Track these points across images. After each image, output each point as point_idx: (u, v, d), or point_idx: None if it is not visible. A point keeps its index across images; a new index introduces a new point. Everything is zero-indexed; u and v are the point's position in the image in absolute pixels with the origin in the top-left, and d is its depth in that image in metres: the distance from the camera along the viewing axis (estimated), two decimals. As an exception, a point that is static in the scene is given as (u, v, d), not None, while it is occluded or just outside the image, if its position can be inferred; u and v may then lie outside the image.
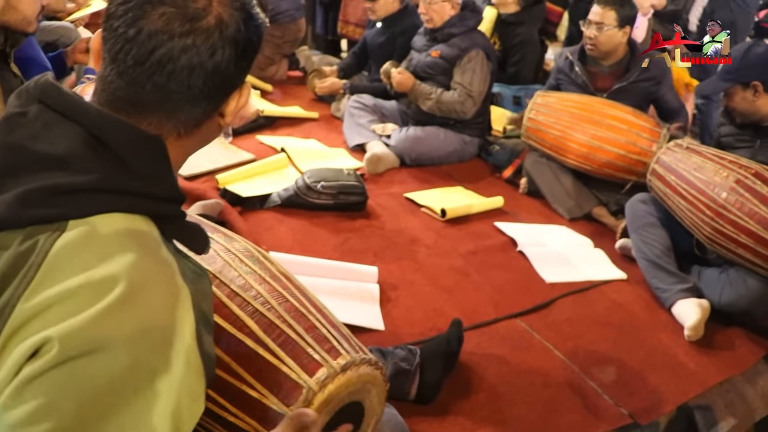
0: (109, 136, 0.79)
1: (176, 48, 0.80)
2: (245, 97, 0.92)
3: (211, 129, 0.93)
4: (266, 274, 1.34)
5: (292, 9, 4.90)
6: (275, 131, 3.90)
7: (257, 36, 0.89)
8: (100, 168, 0.77)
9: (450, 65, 3.60)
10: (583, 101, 3.30)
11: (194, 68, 0.82)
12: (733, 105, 2.71)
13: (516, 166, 3.61)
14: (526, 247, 2.84)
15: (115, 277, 0.71)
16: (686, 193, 2.58)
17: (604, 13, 3.28)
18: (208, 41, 0.82)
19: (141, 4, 0.80)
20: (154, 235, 0.81)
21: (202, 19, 0.82)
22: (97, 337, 0.68)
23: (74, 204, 0.75)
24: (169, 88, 0.82)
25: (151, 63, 0.80)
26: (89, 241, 0.74)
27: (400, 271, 2.55)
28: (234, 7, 0.85)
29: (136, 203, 0.80)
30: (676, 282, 2.55)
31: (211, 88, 0.85)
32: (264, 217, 2.81)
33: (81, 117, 0.79)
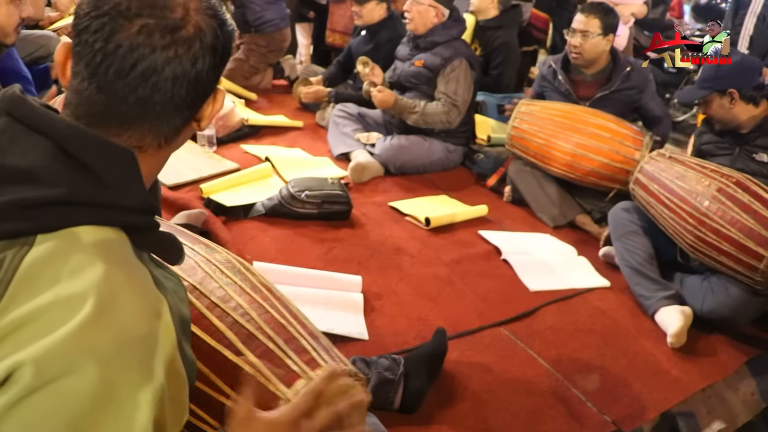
0: (77, 148, 0.78)
1: (159, 60, 0.80)
2: (220, 102, 0.93)
3: (186, 135, 0.93)
4: (247, 286, 1.34)
5: (277, 19, 4.91)
6: (260, 140, 3.89)
7: (231, 41, 0.90)
8: (69, 181, 0.76)
9: (434, 74, 3.61)
10: (567, 110, 3.32)
11: (178, 79, 0.82)
12: (711, 112, 2.73)
13: (500, 175, 3.62)
14: (510, 255, 2.85)
15: (83, 294, 0.70)
16: (669, 202, 2.60)
17: (588, 21, 3.30)
18: (190, 51, 0.82)
19: (115, 17, 0.79)
20: (125, 247, 0.80)
21: (182, 29, 0.82)
22: (71, 356, 0.67)
23: (42, 218, 0.74)
24: (153, 99, 0.82)
25: (133, 76, 0.80)
26: (58, 256, 0.73)
27: (384, 281, 2.55)
28: (208, 14, 0.85)
29: (106, 215, 0.79)
30: (659, 289, 2.56)
31: (193, 97, 0.85)
32: (248, 227, 2.80)
33: (49, 130, 0.78)
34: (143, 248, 0.85)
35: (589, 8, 3.36)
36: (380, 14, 4.26)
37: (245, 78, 4.86)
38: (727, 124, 2.72)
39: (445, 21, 3.67)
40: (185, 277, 1.30)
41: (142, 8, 0.80)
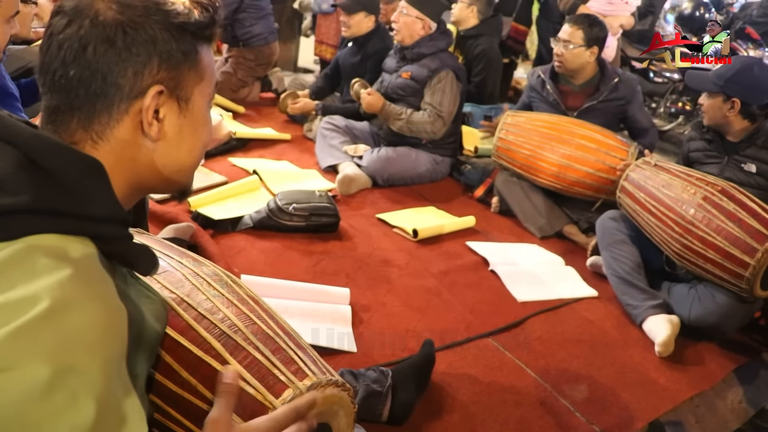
0: (43, 157, 0.77)
1: (53, 46, 0.83)
2: (149, 98, 0.86)
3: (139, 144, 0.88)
4: (234, 298, 1.33)
5: (265, 32, 4.94)
6: (247, 153, 3.89)
7: (167, 37, 0.86)
8: (33, 189, 0.75)
9: (420, 86, 3.63)
10: (553, 121, 3.34)
11: (68, 64, 0.82)
12: (707, 107, 2.74)
13: (487, 186, 3.64)
14: (498, 266, 2.86)
15: (35, 296, 0.69)
16: (655, 210, 2.62)
17: (573, 32, 3.35)
18: (78, 34, 0.82)
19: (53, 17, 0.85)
20: (89, 256, 0.79)
21: (79, 16, 0.83)
22: (8, 354, 0.66)
23: (4, 226, 0.74)
24: (60, 86, 0.83)
25: (45, 65, 0.84)
26: (16, 261, 0.72)
27: (372, 293, 2.55)
28: (123, 3, 0.84)
29: (70, 224, 0.78)
30: (646, 298, 2.57)
31: (97, 88, 0.83)
32: (236, 240, 2.80)
33: (15, 139, 0.78)
34: (112, 258, 0.84)
35: (576, 20, 3.41)
36: (368, 26, 4.28)
37: (233, 91, 4.86)
38: (716, 123, 2.74)
39: (432, 33, 3.69)
40: (173, 290, 1.29)
41: (63, 5, 0.85)
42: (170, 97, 0.89)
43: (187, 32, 0.89)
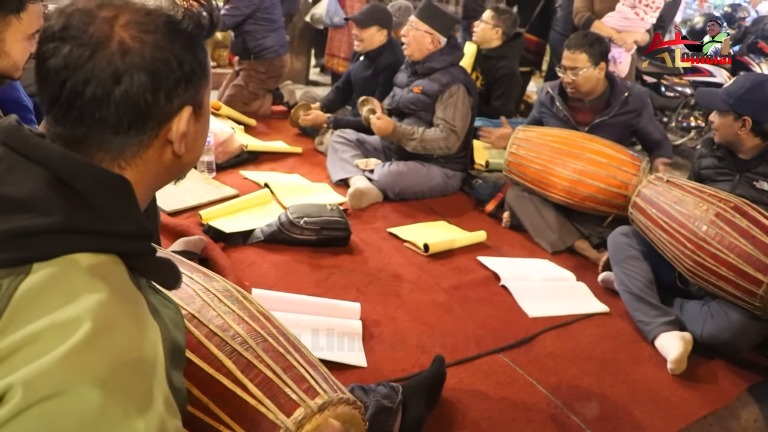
0: (72, 177, 0.78)
1: (79, 80, 0.79)
2: (184, 122, 0.88)
3: (164, 159, 0.90)
4: (245, 314, 1.34)
5: (276, 45, 4.97)
6: (259, 166, 3.90)
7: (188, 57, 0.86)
8: (64, 209, 0.77)
9: (432, 100, 3.63)
10: (564, 135, 3.34)
11: (101, 99, 0.80)
12: (718, 125, 2.73)
13: (498, 200, 3.63)
14: (509, 281, 2.85)
15: (79, 318, 0.70)
16: (667, 227, 2.60)
17: (576, 57, 3.34)
18: (110, 68, 0.79)
19: (48, 40, 0.80)
20: (120, 273, 0.80)
21: (104, 46, 0.79)
22: (60, 379, 0.66)
23: (38, 246, 0.75)
24: (85, 122, 0.81)
25: (63, 99, 0.80)
26: (53, 283, 0.73)
27: (383, 307, 2.54)
28: (142, 30, 0.82)
29: (101, 242, 0.79)
30: (658, 315, 2.56)
31: (129, 118, 0.82)
32: (247, 253, 2.80)
33: (45, 159, 0.79)
34: (140, 274, 0.86)
35: (574, 43, 3.38)
36: (380, 40, 4.30)
37: (244, 104, 4.89)
38: (726, 141, 2.73)
39: (443, 48, 3.70)
40: (184, 306, 1.30)
41: (69, 28, 0.80)
42: (193, 111, 0.90)
43: (201, 42, 0.89)
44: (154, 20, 0.83)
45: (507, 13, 4.59)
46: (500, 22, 4.49)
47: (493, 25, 4.47)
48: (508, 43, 4.56)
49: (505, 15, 4.55)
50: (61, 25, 0.80)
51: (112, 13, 0.81)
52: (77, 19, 0.80)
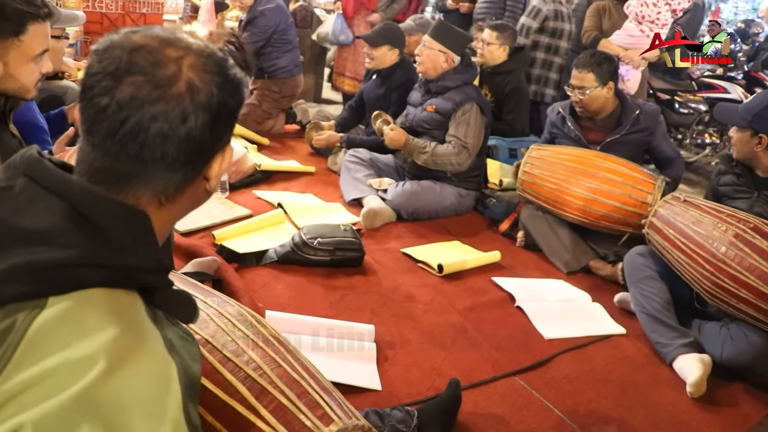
0: (92, 210, 0.78)
1: (146, 116, 0.80)
2: (227, 161, 0.92)
3: (197, 194, 0.92)
4: (259, 339, 1.32)
5: (290, 65, 5.01)
6: (272, 186, 3.91)
7: (236, 98, 0.89)
8: (82, 242, 0.76)
9: (445, 119, 3.63)
10: (578, 154, 3.32)
11: (166, 136, 0.81)
12: (735, 141, 2.71)
13: (512, 220, 3.61)
14: (524, 302, 2.82)
15: (93, 356, 0.69)
16: (685, 247, 2.57)
17: (583, 77, 3.34)
18: (179, 108, 0.81)
19: (111, 74, 0.81)
20: (136, 309, 0.80)
21: (172, 85, 0.81)
22: (72, 420, 0.65)
23: (54, 280, 0.74)
24: (143, 157, 0.82)
25: (123, 133, 0.80)
26: (68, 319, 0.72)
27: (397, 329, 2.52)
28: (207, 70, 0.85)
29: (118, 277, 0.79)
30: (676, 336, 2.52)
31: (187, 155, 0.84)
32: (260, 274, 2.79)
33: (64, 192, 0.79)
34: (157, 307, 0.85)
35: (582, 63, 3.39)
36: (392, 59, 4.32)
37: (258, 123, 4.92)
38: (744, 157, 2.71)
39: (456, 66, 3.70)
40: (197, 331, 1.29)
41: (135, 64, 0.81)
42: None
43: (246, 84, 0.93)
44: (214, 62, 0.86)
45: (508, 29, 4.61)
46: (505, 39, 4.50)
47: (499, 44, 4.47)
48: (513, 57, 4.57)
49: (507, 31, 4.57)
50: (126, 62, 0.81)
51: (178, 54, 0.83)
52: (143, 57, 0.82)
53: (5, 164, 0.84)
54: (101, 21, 5.72)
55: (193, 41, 0.86)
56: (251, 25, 4.86)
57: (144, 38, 0.84)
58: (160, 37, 0.85)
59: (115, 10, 5.78)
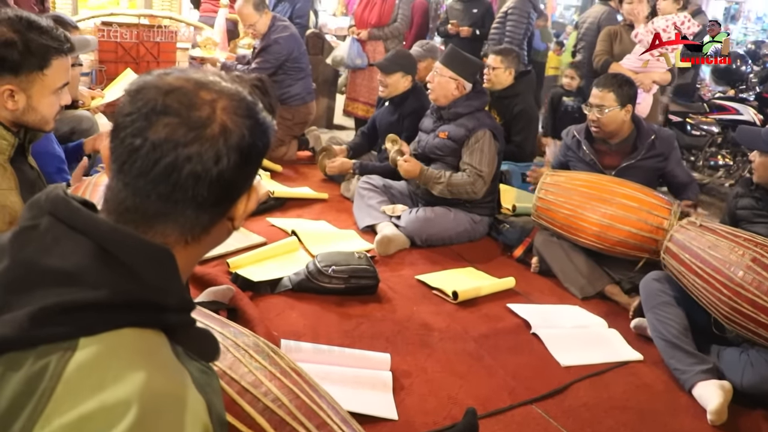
0: (119, 249, 0.79)
1: (180, 157, 0.81)
2: (253, 202, 0.93)
3: (221, 233, 0.94)
4: (276, 370, 1.32)
5: (303, 92, 5.05)
6: (285, 213, 3.92)
7: (264, 141, 0.91)
8: (110, 282, 0.77)
9: (458, 145, 3.64)
10: (592, 180, 3.31)
11: (199, 177, 0.82)
12: (757, 165, 2.70)
13: (527, 245, 3.60)
14: (540, 329, 2.80)
15: (127, 401, 0.69)
16: (702, 272, 2.55)
17: (604, 96, 3.34)
18: (212, 149, 0.82)
19: (146, 115, 0.82)
20: (164, 348, 0.80)
21: (207, 127, 0.83)
22: None
23: (85, 321, 0.75)
24: (175, 197, 0.83)
25: (155, 173, 0.81)
26: (102, 361, 0.73)
27: (412, 357, 2.51)
28: (239, 114, 0.86)
29: (146, 316, 0.80)
30: (695, 363, 2.49)
31: (217, 196, 0.86)
32: (275, 302, 2.79)
33: (91, 231, 0.80)
34: (180, 344, 0.85)
35: (605, 82, 3.41)
36: (405, 86, 4.35)
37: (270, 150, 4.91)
38: (765, 183, 2.70)
39: (468, 93, 3.72)
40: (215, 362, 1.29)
41: (169, 106, 0.82)
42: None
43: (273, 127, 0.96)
44: (245, 106, 0.87)
45: (512, 52, 4.67)
46: (509, 62, 4.55)
47: (504, 67, 4.51)
48: (519, 80, 4.61)
49: (512, 54, 4.63)
50: (161, 103, 0.82)
51: (212, 97, 0.85)
52: (178, 99, 0.83)
53: (29, 203, 0.85)
54: (116, 50, 5.79)
55: (226, 85, 0.88)
56: (264, 51, 4.91)
57: (178, 80, 0.85)
58: (194, 79, 0.86)
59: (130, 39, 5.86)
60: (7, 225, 1.91)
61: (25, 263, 0.78)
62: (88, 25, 5.81)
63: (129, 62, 5.78)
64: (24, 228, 0.82)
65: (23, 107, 1.89)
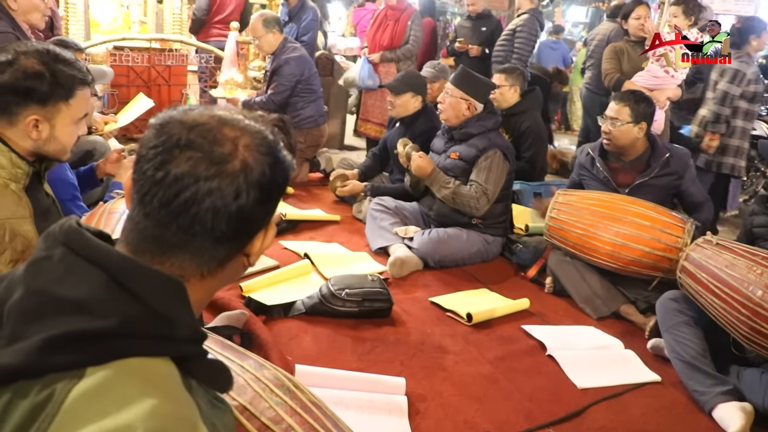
0: (130, 280, 0.80)
1: (201, 191, 0.82)
2: (270, 238, 0.95)
3: (236, 269, 0.95)
4: (297, 405, 1.31)
5: (315, 115, 5.07)
6: (298, 235, 3.92)
7: (283, 178, 0.92)
8: (120, 312, 0.78)
9: (469, 166, 3.64)
10: (605, 199, 3.30)
11: (218, 211, 0.83)
12: None
13: (540, 266, 3.58)
14: (556, 350, 2.78)
15: (131, 426, 0.69)
16: (719, 291, 2.53)
17: (619, 109, 3.35)
18: (233, 185, 0.84)
19: (170, 148, 0.83)
20: (174, 378, 0.80)
21: (228, 163, 0.84)
22: None
23: (93, 350, 0.75)
24: (194, 230, 0.84)
25: (176, 205, 0.82)
26: (106, 389, 0.73)
27: (428, 381, 2.49)
28: (260, 151, 0.87)
29: (155, 346, 0.80)
30: (715, 384, 2.46)
31: (235, 230, 0.87)
32: (289, 326, 2.78)
33: (103, 261, 0.80)
34: (191, 376, 0.85)
35: (623, 96, 3.43)
36: (415, 106, 4.36)
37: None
38: None
39: (480, 113, 3.72)
40: (235, 396, 1.28)
41: (193, 141, 0.84)
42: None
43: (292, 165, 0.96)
44: (267, 144, 0.89)
45: (516, 70, 4.69)
46: (514, 80, 4.57)
47: (510, 85, 4.53)
48: (526, 97, 4.62)
49: (516, 72, 4.65)
50: (186, 138, 0.84)
51: (235, 134, 0.86)
52: (202, 134, 0.85)
53: (44, 234, 0.86)
54: (128, 74, 5.86)
55: (248, 123, 0.89)
56: (276, 74, 4.93)
57: (202, 116, 0.87)
58: (218, 116, 0.88)
59: (141, 63, 5.92)
60: (20, 254, 1.93)
61: (37, 293, 0.79)
62: (100, 50, 5.86)
63: (140, 86, 5.85)
64: (38, 258, 0.83)
65: (46, 137, 1.93)
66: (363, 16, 8.17)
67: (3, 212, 1.88)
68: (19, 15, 3.24)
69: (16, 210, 1.92)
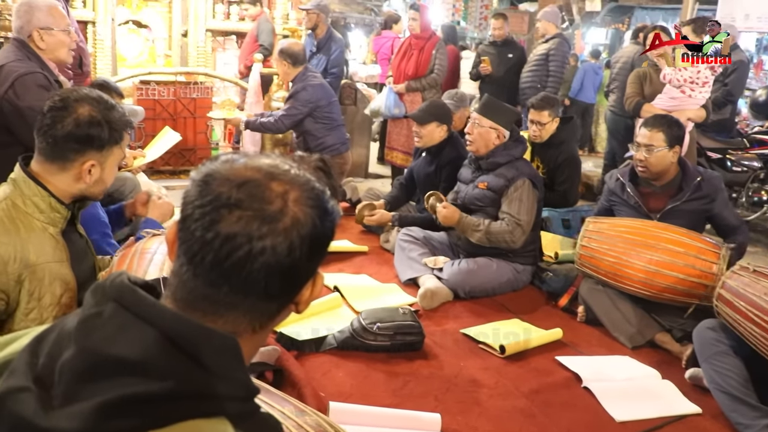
0: (184, 339, 0.79)
1: (254, 250, 0.81)
2: (319, 286, 0.94)
3: (284, 317, 0.94)
4: (338, 452, 1.30)
5: (338, 143, 5.08)
6: (326, 267, 3.90)
7: (332, 229, 0.92)
8: (177, 373, 0.77)
9: (498, 196, 3.62)
10: (636, 225, 3.26)
11: (271, 268, 0.83)
12: None
13: (571, 294, 3.54)
14: (591, 382, 2.73)
15: None
16: (759, 320, 2.47)
17: (653, 135, 3.31)
18: (286, 242, 0.83)
19: (217, 208, 0.82)
20: None
21: (279, 220, 0.83)
22: None
23: (152, 414, 0.74)
24: (246, 289, 0.83)
25: (228, 266, 0.82)
26: None
27: (463, 417, 2.45)
28: (308, 204, 0.87)
29: (213, 407, 0.79)
30: (760, 416, 2.40)
31: (287, 286, 0.86)
32: (321, 361, 2.76)
33: (156, 319, 0.79)
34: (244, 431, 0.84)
35: (653, 122, 3.38)
36: (441, 135, 4.34)
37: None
38: None
39: (506, 141, 3.71)
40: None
41: (242, 200, 0.83)
42: None
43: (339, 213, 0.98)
44: (315, 195, 0.88)
45: (553, 100, 4.57)
46: (554, 111, 4.46)
47: (552, 119, 4.44)
48: (563, 127, 4.53)
49: (553, 102, 4.52)
50: (234, 197, 0.83)
51: (284, 189, 0.86)
52: (250, 192, 0.84)
53: (92, 288, 0.85)
54: (154, 107, 5.94)
55: (295, 173, 0.89)
56: (293, 98, 4.97)
57: (248, 170, 0.86)
58: (264, 170, 0.87)
59: (167, 96, 6.01)
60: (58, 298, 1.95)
61: (90, 352, 0.78)
62: (127, 84, 5.96)
63: (167, 119, 5.93)
64: (88, 315, 0.82)
65: (96, 180, 2.00)
66: (383, 44, 8.23)
67: (42, 257, 1.91)
68: (48, 54, 3.28)
69: (54, 254, 1.95)
